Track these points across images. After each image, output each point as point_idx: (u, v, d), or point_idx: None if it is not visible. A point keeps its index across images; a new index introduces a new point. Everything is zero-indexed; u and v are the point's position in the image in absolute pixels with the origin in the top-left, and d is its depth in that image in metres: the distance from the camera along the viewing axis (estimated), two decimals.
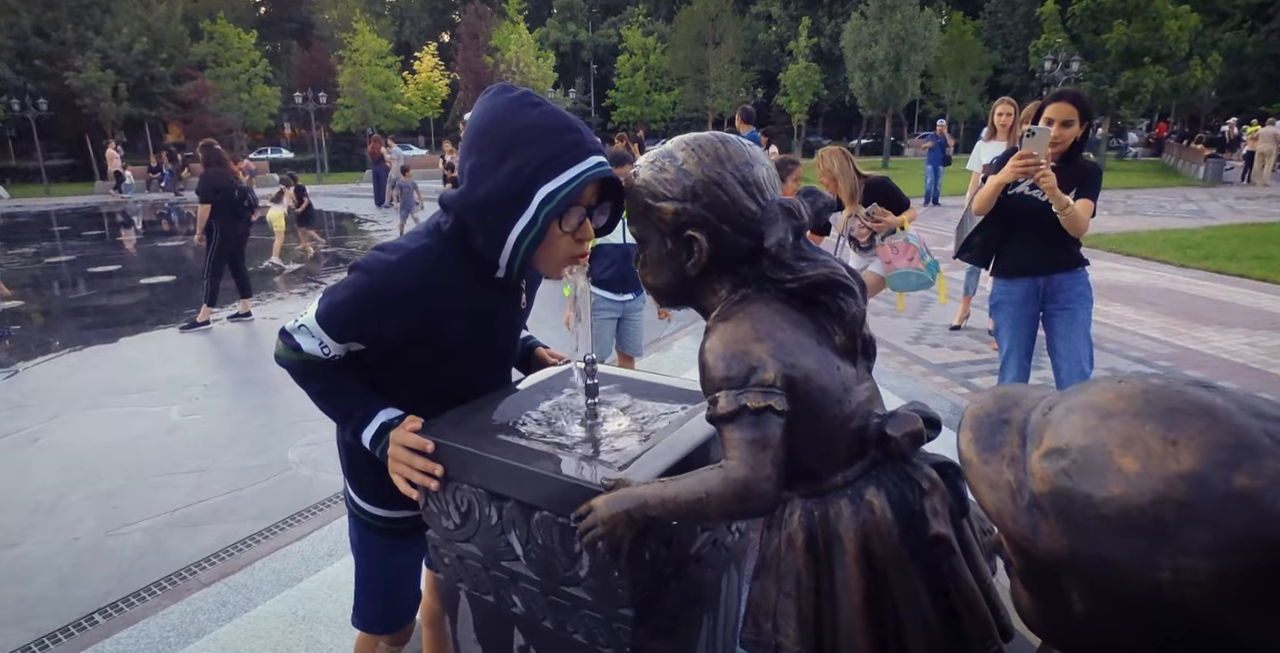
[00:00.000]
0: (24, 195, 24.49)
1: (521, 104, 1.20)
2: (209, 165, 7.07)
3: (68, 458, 4.30)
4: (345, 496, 1.57)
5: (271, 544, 3.23)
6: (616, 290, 3.88)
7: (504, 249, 1.20)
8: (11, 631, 2.75)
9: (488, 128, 1.19)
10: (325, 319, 1.27)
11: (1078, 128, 3.10)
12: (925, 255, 4.26)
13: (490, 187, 1.17)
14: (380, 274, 1.24)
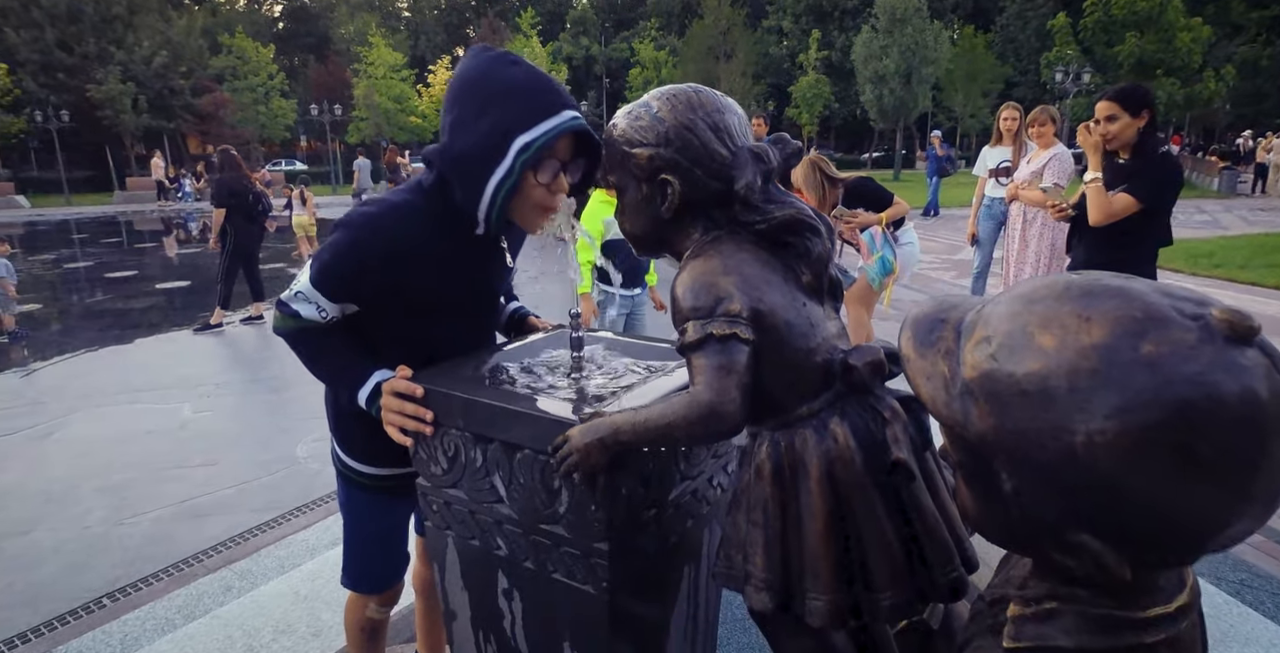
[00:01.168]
0: (45, 205, 24.91)
1: (501, 62, 1.25)
2: (224, 170, 7.19)
3: (80, 452, 4.37)
4: (334, 455, 1.58)
5: (276, 534, 3.27)
6: (628, 285, 3.94)
7: (482, 201, 1.23)
8: (22, 613, 2.80)
9: (468, 84, 1.24)
10: (319, 280, 1.29)
11: (1127, 121, 3.04)
12: (875, 250, 4.31)
13: (469, 140, 1.22)
14: (363, 228, 1.27)
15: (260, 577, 2.86)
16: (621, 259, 3.87)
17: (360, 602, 1.68)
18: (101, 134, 30.27)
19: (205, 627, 2.27)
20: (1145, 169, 3.06)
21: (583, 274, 3.88)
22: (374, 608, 1.68)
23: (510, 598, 1.16)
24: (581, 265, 3.90)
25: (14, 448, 4.45)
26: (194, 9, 41.75)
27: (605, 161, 1.17)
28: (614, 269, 3.77)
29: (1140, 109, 3.04)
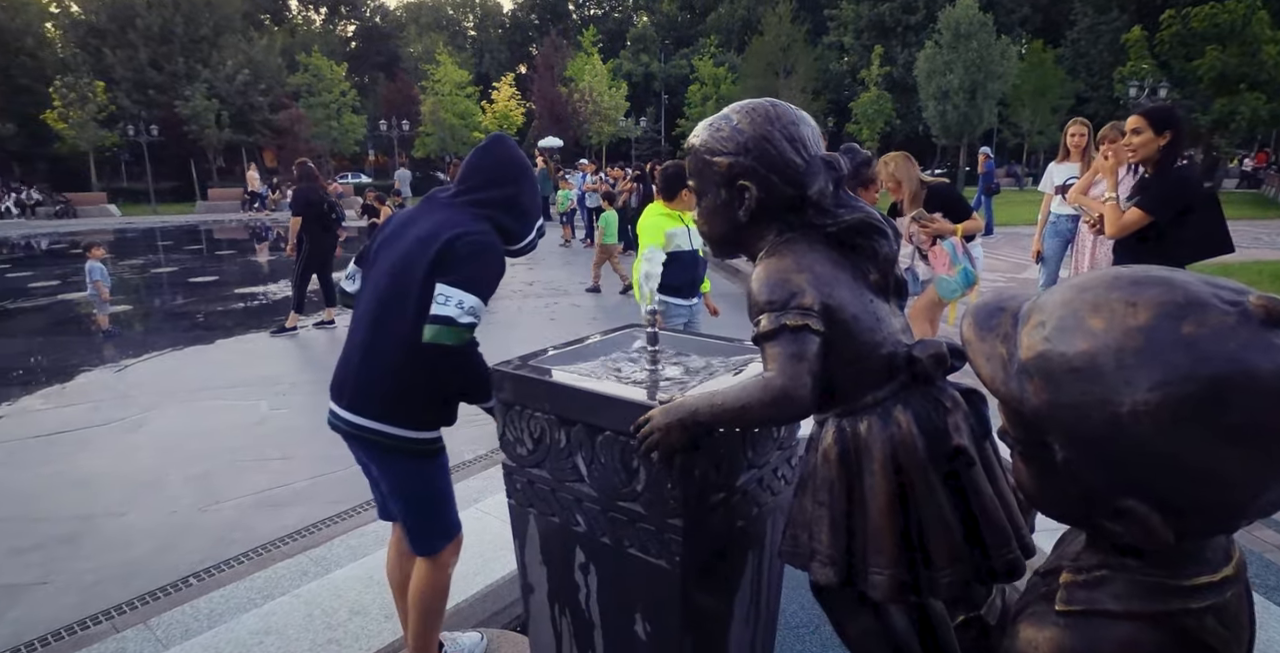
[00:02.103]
0: (134, 214, 26.41)
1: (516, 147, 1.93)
2: (301, 181, 7.57)
3: (167, 443, 4.65)
4: (400, 443, 1.79)
5: (349, 524, 3.43)
6: (686, 295, 4.03)
7: (525, 241, 1.94)
8: (116, 587, 3.01)
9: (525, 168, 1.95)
10: (486, 297, 1.68)
11: (1150, 137, 3.22)
12: (957, 262, 4.23)
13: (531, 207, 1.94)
14: (500, 254, 1.80)
15: (334, 564, 3.00)
16: (678, 272, 3.97)
17: (443, 563, 1.88)
18: (186, 147, 31.99)
19: (286, 605, 2.41)
20: (1157, 183, 3.30)
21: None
22: (452, 562, 1.90)
23: (586, 572, 1.24)
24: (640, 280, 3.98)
25: (108, 437, 4.76)
26: (274, 29, 43.92)
27: (688, 169, 1.27)
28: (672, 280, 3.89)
29: (1165, 128, 3.22)
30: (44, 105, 30.30)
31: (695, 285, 4.02)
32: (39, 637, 2.70)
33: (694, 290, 4.03)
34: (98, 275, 7.26)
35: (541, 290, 9.68)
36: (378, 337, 1.77)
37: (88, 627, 2.74)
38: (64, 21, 37.30)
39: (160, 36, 32.42)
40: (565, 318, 8.08)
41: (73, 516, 3.67)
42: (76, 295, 9.99)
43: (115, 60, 31.34)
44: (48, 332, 8.21)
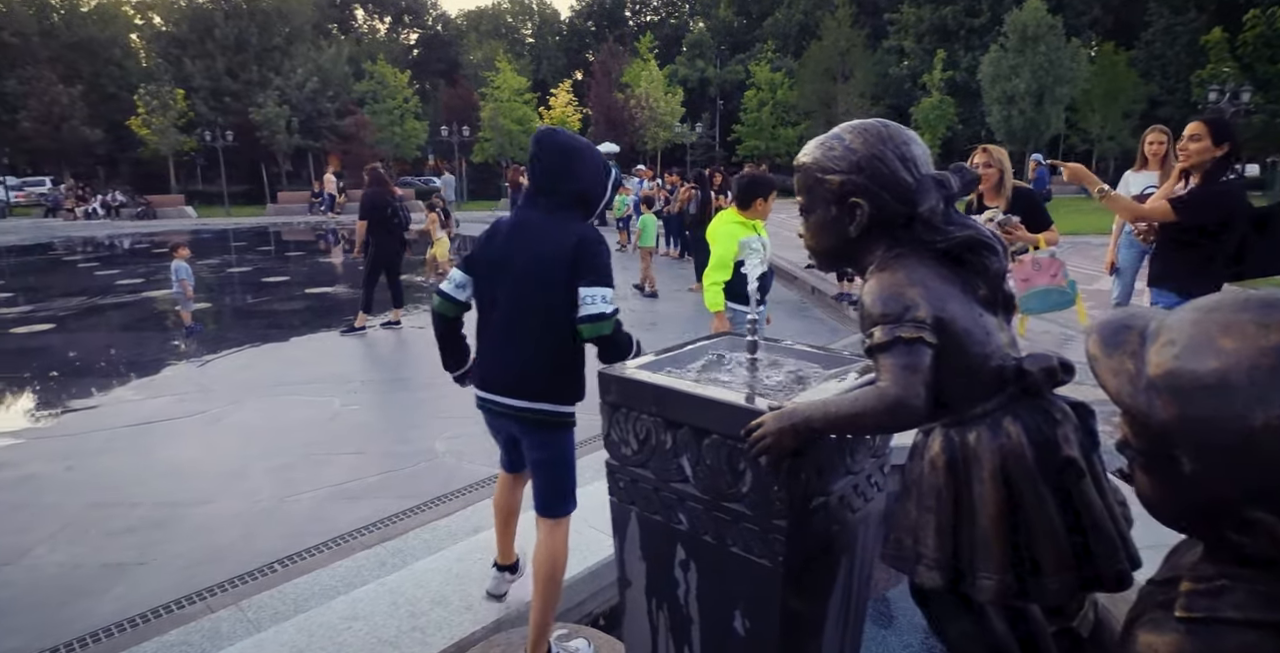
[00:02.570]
0: (208, 215, 27.61)
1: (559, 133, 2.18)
2: (371, 185, 7.82)
3: (247, 435, 4.87)
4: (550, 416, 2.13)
5: (421, 519, 3.55)
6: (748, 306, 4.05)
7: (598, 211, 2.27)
8: (207, 569, 3.17)
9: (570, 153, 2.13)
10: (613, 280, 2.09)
11: (1207, 145, 3.28)
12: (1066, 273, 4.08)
13: (594, 185, 2.17)
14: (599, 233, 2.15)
15: (409, 556, 3.11)
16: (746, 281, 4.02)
17: (564, 527, 2.23)
18: (258, 152, 33.34)
19: (372, 593, 2.51)
20: (1197, 190, 3.35)
21: (715, 294, 3.98)
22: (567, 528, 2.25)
23: (686, 569, 1.28)
24: (712, 285, 4.01)
25: (192, 429, 5.01)
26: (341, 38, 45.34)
27: (797, 186, 1.31)
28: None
29: (1223, 140, 3.29)
30: (129, 112, 31.97)
31: (761, 294, 4.06)
32: (140, 613, 2.87)
33: (761, 300, 4.07)
34: (183, 274, 7.64)
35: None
36: (526, 335, 2.10)
37: (183, 607, 2.90)
38: (148, 33, 39.32)
39: (236, 46, 33.88)
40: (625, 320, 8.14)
41: (164, 502, 3.88)
42: (160, 293, 10.51)
43: (194, 69, 32.86)
44: (135, 327, 8.67)
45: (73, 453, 4.58)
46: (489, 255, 2.15)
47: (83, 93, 31.98)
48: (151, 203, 26.95)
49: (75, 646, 2.69)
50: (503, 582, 2.50)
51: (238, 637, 2.59)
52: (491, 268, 2.14)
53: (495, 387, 2.16)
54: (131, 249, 17.83)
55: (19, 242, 19.98)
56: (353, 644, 2.22)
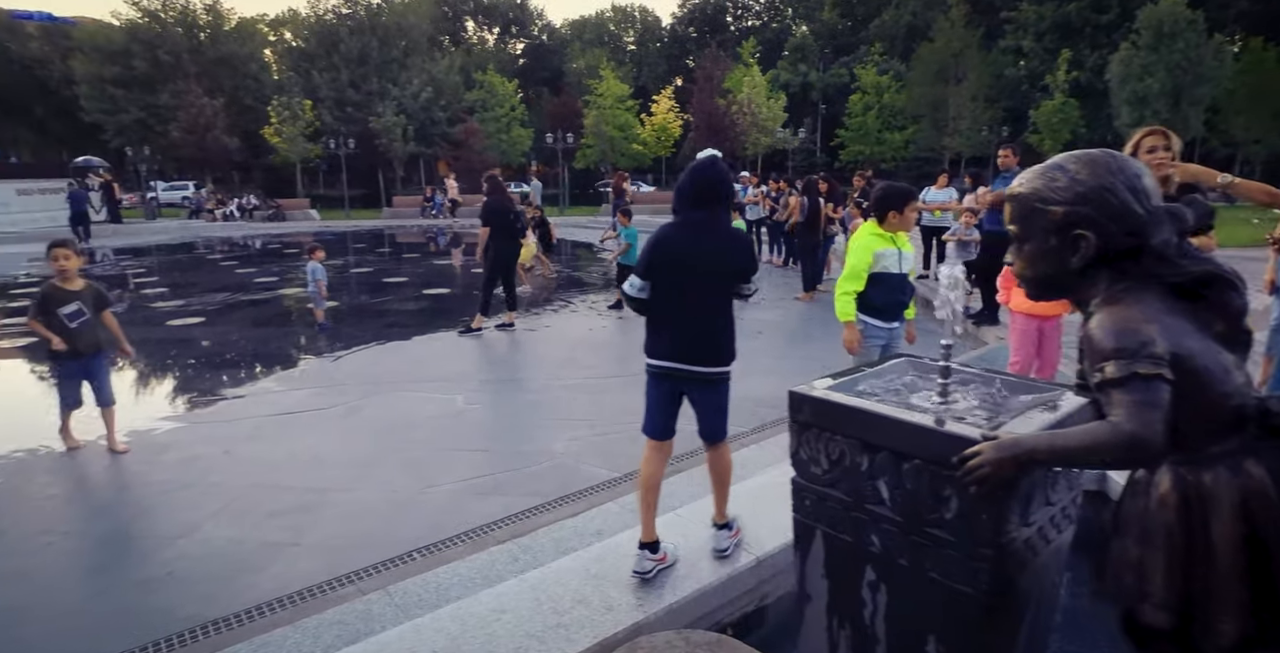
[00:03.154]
0: (330, 218, 29.40)
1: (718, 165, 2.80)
2: (491, 194, 8.13)
3: (381, 427, 5.16)
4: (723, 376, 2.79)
5: (548, 517, 3.66)
6: (887, 318, 3.98)
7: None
8: (354, 554, 3.39)
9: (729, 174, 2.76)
10: None
11: None
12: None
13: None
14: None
15: (539, 553, 3.23)
16: (882, 293, 3.94)
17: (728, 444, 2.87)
18: (376, 158, 35.27)
19: (515, 588, 2.62)
20: None
21: (845, 303, 3.95)
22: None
23: (876, 590, 1.28)
24: (843, 295, 3.97)
25: (330, 420, 5.35)
26: (452, 50, 47.38)
27: (1015, 214, 1.29)
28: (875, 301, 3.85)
29: None
30: (263, 122, 34.54)
31: (899, 309, 3.97)
32: (297, 591, 3.10)
33: (896, 314, 3.97)
34: (320, 275, 8.17)
35: None
36: (715, 315, 2.74)
37: (335, 588, 3.11)
38: (280, 48, 42.32)
39: (359, 59, 35.99)
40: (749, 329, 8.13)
41: (312, 487, 4.17)
42: (293, 291, 11.29)
43: (321, 81, 35.13)
44: (272, 322, 9.34)
45: (229, 438, 4.99)
46: (668, 258, 2.69)
47: (224, 104, 34.75)
48: (281, 206, 28.94)
49: (243, 617, 2.93)
50: (724, 538, 2.88)
51: (388, 619, 2.76)
52: (674, 267, 2.68)
53: (689, 358, 2.72)
54: (264, 249, 19.19)
55: (169, 241, 21.90)
56: (501, 636, 2.33)
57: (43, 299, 4.59)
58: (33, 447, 4.86)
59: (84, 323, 4.61)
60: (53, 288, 4.63)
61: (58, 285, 4.63)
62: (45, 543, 3.60)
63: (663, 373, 2.76)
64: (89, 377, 4.72)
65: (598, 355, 7.11)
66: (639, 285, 2.75)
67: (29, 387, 6.78)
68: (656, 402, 2.81)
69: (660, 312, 2.75)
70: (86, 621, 2.98)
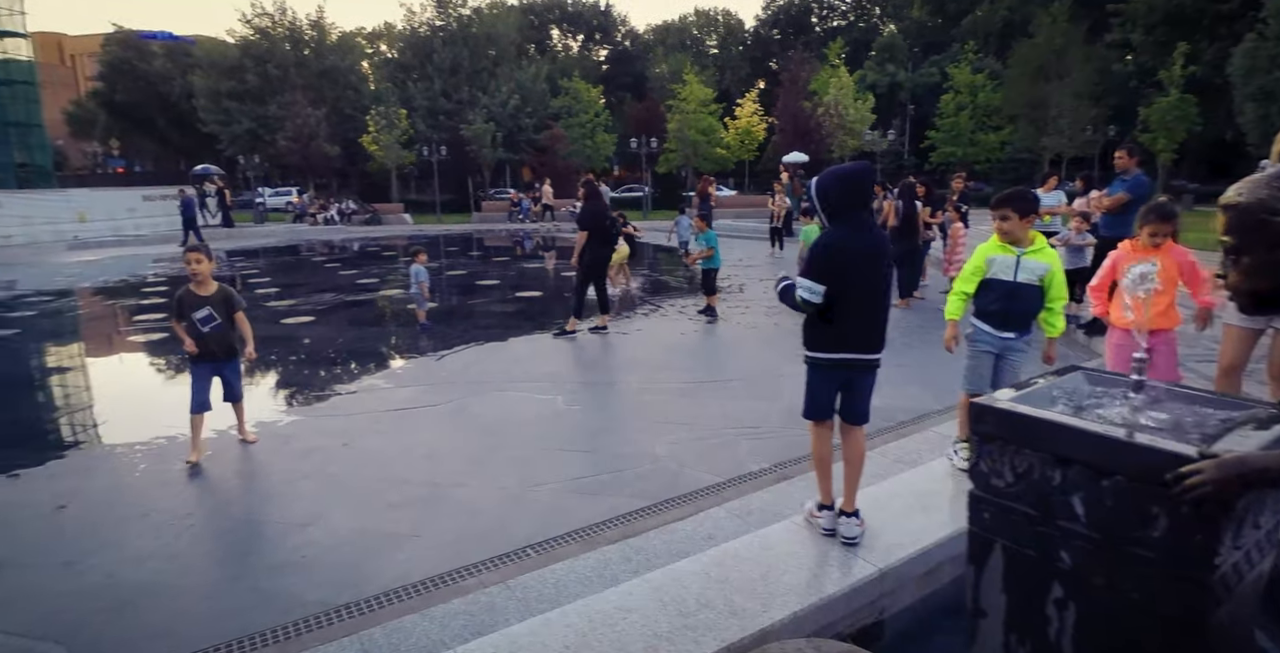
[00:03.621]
0: (422, 222, 30.53)
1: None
2: (588, 199, 8.27)
3: (486, 425, 5.31)
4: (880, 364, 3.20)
5: (658, 520, 3.69)
6: (996, 326, 3.85)
7: None
8: (472, 547, 3.49)
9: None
10: None
11: None
12: None
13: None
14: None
15: (652, 554, 3.26)
16: (989, 299, 3.84)
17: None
18: (466, 164, 36.42)
19: (639, 588, 2.65)
20: None
21: (954, 303, 3.93)
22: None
23: (1063, 608, 1.23)
24: (954, 295, 3.92)
25: (439, 417, 5.54)
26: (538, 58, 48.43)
27: (1233, 225, 1.23)
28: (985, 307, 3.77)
29: None
30: (360, 131, 36.19)
31: (1010, 318, 3.83)
32: (420, 581, 3.22)
33: (1009, 323, 3.83)
34: (422, 277, 8.50)
35: None
36: (882, 309, 3.13)
37: (457, 580, 3.21)
38: (377, 60, 44.26)
39: (451, 69, 37.27)
40: None
41: (427, 481, 4.33)
42: (393, 292, 11.78)
43: (415, 91, 36.55)
44: (378, 322, 9.77)
45: (346, 431, 5.24)
46: (848, 260, 2.98)
47: (326, 114, 36.59)
48: (377, 211, 30.26)
49: (373, 603, 3.07)
50: (853, 526, 3.15)
51: (511, 612, 2.84)
52: (853, 267, 2.98)
53: (866, 348, 3.08)
54: (362, 252, 20.08)
55: (277, 244, 23.22)
56: (630, 634, 2.36)
57: (178, 303, 4.77)
58: (171, 434, 5.23)
59: (215, 327, 4.72)
60: (187, 292, 4.76)
61: (191, 290, 4.76)
62: (187, 525, 3.87)
63: (839, 364, 3.10)
64: (220, 377, 4.85)
65: (692, 360, 7.12)
66: (816, 289, 2.98)
67: (163, 377, 7.31)
68: (825, 390, 3.18)
69: (841, 309, 3.02)
70: (226, 601, 3.18)
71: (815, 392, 3.20)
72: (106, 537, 3.76)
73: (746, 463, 4.47)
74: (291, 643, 2.80)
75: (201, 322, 4.69)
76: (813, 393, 3.20)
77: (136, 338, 8.98)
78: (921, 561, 2.93)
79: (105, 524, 3.90)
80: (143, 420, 5.63)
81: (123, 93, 48.13)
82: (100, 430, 5.44)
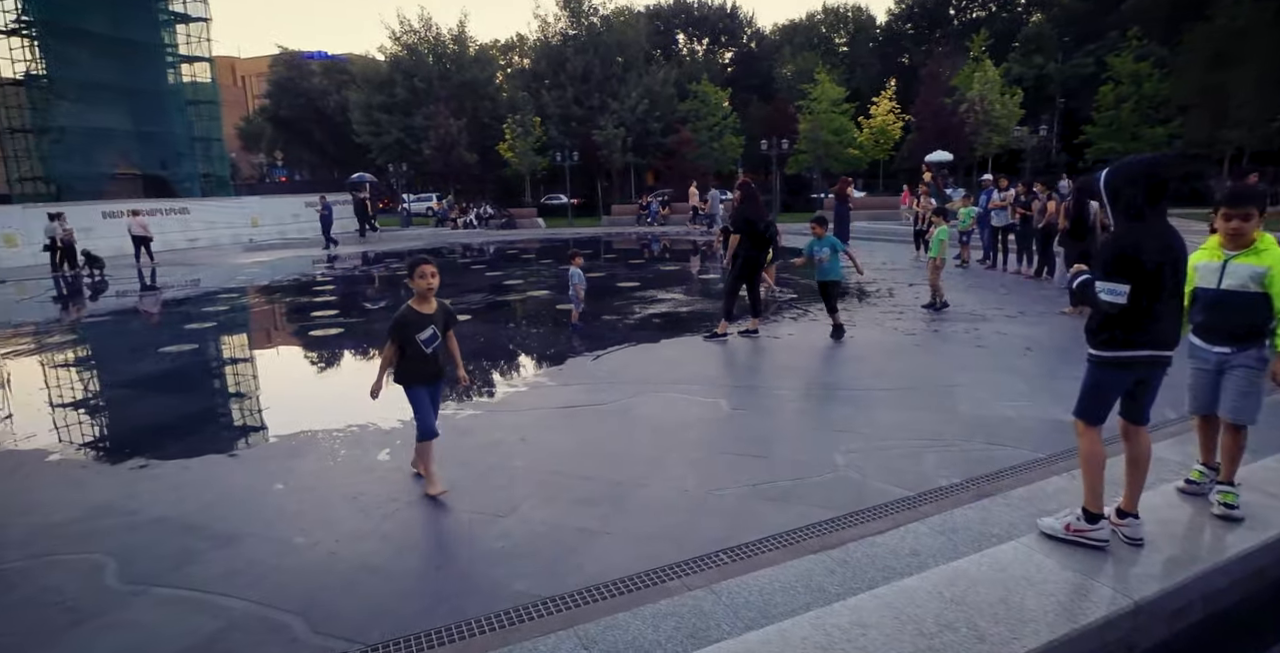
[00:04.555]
0: (554, 226, 31.47)
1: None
2: (744, 202, 8.18)
3: (655, 426, 5.33)
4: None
5: (854, 532, 3.56)
6: (1206, 339, 3.49)
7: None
8: (662, 547, 3.49)
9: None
10: None
11: None
12: None
13: None
14: None
15: (858, 567, 3.13)
16: (1197, 311, 3.53)
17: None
18: (595, 169, 37.27)
19: (870, 603, 2.54)
20: None
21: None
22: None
23: None
24: None
25: (607, 416, 5.62)
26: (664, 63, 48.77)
27: None
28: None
29: None
30: (496, 138, 37.78)
31: (1212, 330, 3.47)
32: (621, 577, 3.24)
33: (1214, 336, 3.48)
34: (578, 280, 8.72)
35: (949, 313, 9.18)
36: (1180, 304, 3.08)
37: (658, 581, 3.20)
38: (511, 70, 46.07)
39: (582, 77, 38.23)
40: (993, 345, 7.53)
41: (609, 479, 4.38)
42: (541, 293, 12.15)
43: (549, 99, 37.76)
44: (531, 322, 10.11)
45: (520, 426, 5.41)
46: (1153, 259, 2.91)
47: (465, 124, 38.46)
48: (513, 215, 31.48)
49: (577, 597, 3.12)
50: (1139, 526, 3.15)
51: (721, 617, 2.80)
52: (1159, 266, 2.91)
53: (1165, 345, 3.04)
54: (502, 254, 20.90)
55: (424, 246, 24.60)
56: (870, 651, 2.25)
57: (402, 325, 4.12)
58: (361, 423, 5.59)
59: (438, 347, 4.24)
60: (411, 312, 4.14)
61: (414, 308, 4.16)
62: (394, 509, 4.10)
63: (1136, 362, 3.05)
64: (432, 400, 4.36)
65: (851, 367, 6.87)
66: (1119, 290, 2.92)
67: (345, 369, 7.86)
68: (1114, 391, 3.14)
69: (1145, 307, 2.95)
70: (439, 584, 3.32)
71: (1104, 393, 3.14)
72: (322, 516, 4.04)
73: (934, 477, 4.24)
74: (510, 632, 2.89)
75: (426, 343, 4.17)
76: (1099, 394, 3.14)
77: (317, 332, 9.72)
78: (1177, 596, 2.65)
79: (319, 504, 4.20)
80: (333, 409, 6.05)
81: (286, 108, 52.67)
82: (298, 417, 5.86)
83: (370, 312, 11.69)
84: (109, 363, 8.75)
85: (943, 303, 9.38)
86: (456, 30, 42.18)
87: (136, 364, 8.45)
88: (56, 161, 28.86)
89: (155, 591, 3.34)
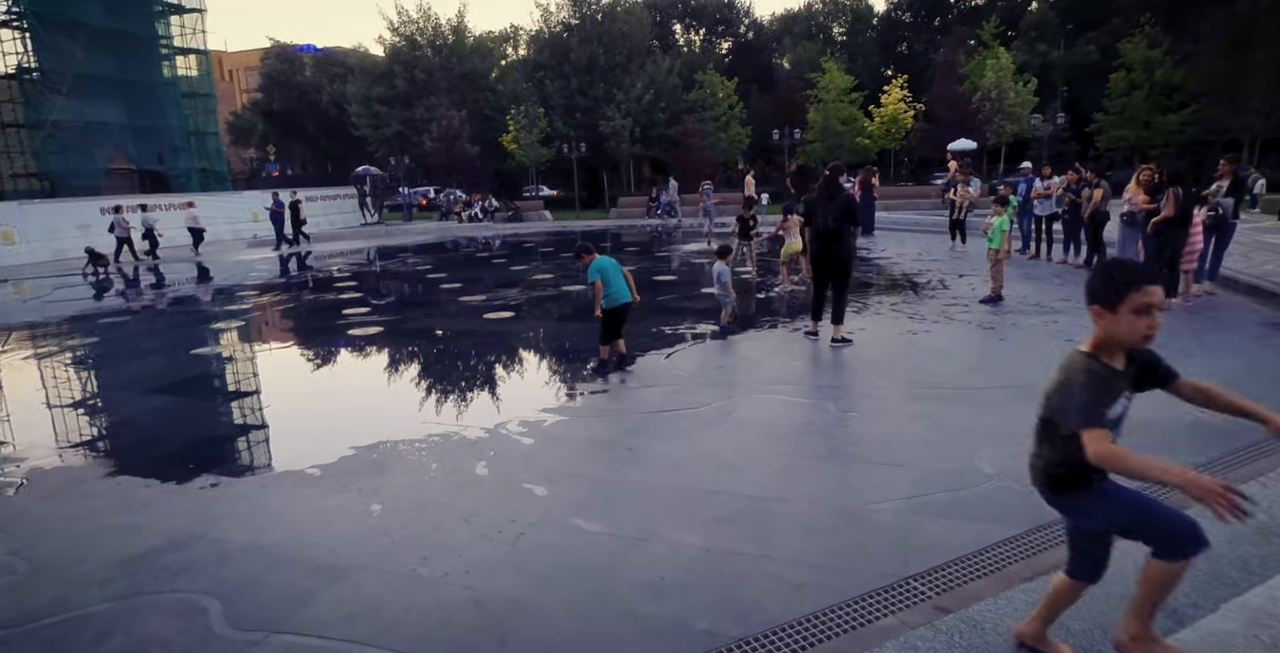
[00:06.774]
0: (561, 219, 30.94)
1: None
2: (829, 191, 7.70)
3: (764, 431, 4.93)
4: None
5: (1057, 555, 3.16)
6: None
7: None
8: (839, 575, 3.10)
9: None
10: None
11: None
12: None
13: None
14: None
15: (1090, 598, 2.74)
16: None
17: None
18: (601, 161, 36.66)
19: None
20: None
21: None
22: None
23: None
24: None
25: (708, 421, 5.19)
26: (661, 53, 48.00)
27: None
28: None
29: None
30: (500, 130, 37.11)
31: None
32: (812, 613, 2.84)
33: None
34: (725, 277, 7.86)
35: (1015, 306, 8.80)
36: None
37: (867, 619, 2.80)
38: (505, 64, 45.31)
39: (586, 67, 37.55)
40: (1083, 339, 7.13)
41: (739, 493, 3.97)
42: (575, 288, 11.68)
43: (553, 90, 37.08)
44: (574, 317, 9.59)
45: (619, 433, 5.01)
46: None
47: (467, 116, 37.76)
48: (519, 208, 30.91)
49: (775, 640, 2.72)
50: None
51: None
52: None
53: None
54: (517, 247, 20.39)
55: (432, 240, 24.07)
56: None
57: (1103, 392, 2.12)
58: (443, 431, 5.17)
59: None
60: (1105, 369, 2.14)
61: (1108, 364, 2.15)
62: (517, 532, 3.68)
63: None
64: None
65: (941, 364, 6.44)
66: None
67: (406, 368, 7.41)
68: None
69: None
70: (604, 625, 2.91)
71: None
72: (439, 542, 3.63)
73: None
74: None
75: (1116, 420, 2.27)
76: None
77: (355, 332, 9.24)
78: None
79: (431, 528, 3.78)
80: (405, 415, 5.64)
81: (278, 102, 51.68)
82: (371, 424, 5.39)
83: (400, 306, 11.19)
84: (144, 366, 8.26)
85: (998, 295, 9.01)
86: (455, 21, 41.42)
87: (178, 368, 7.98)
88: (51, 157, 28.14)
89: (275, 639, 2.91)
